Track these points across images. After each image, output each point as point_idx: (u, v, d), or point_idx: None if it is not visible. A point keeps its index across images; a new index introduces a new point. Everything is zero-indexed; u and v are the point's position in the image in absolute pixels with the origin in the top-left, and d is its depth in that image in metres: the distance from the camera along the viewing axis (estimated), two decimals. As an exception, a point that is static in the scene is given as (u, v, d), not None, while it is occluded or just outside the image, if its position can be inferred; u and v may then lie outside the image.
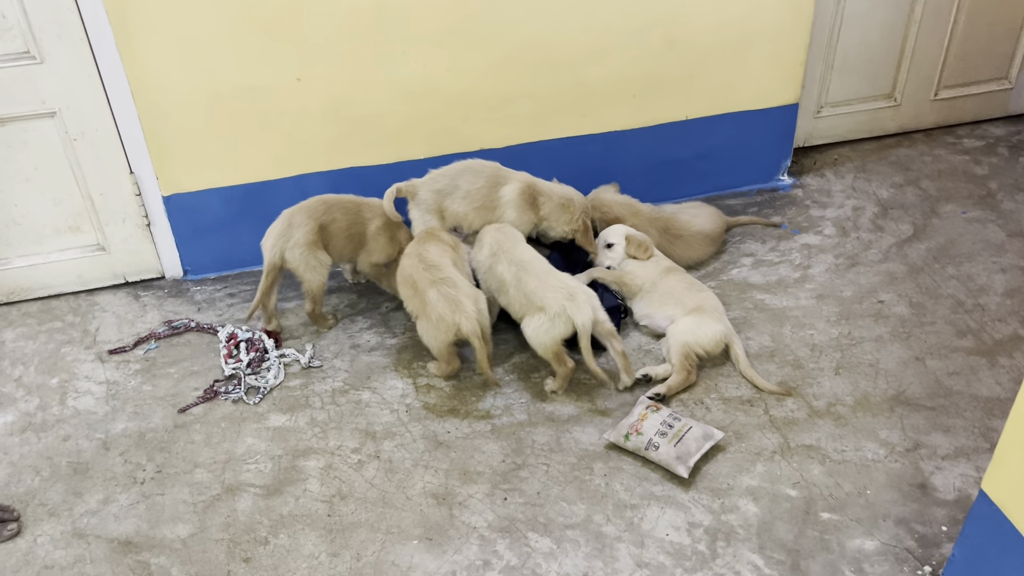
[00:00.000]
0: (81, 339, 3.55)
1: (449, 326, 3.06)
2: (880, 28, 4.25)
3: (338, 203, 3.45)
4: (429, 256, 3.19)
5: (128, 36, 3.26)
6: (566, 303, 3.04)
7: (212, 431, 3.10)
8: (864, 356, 3.28)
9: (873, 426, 2.99)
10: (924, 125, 4.67)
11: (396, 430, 3.07)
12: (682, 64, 3.86)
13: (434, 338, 3.12)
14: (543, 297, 3.07)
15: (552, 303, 3.05)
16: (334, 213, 3.40)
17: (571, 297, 3.07)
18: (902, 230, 3.97)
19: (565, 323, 3.06)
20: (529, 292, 3.10)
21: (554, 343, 3.08)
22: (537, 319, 3.08)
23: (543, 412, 3.12)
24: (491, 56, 3.64)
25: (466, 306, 3.06)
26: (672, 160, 4.12)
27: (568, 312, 3.04)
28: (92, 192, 3.56)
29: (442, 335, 3.09)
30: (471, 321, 3.05)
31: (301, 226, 3.31)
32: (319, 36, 3.43)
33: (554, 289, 3.09)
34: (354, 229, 3.46)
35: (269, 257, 3.33)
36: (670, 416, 2.95)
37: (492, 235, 3.33)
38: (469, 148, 3.81)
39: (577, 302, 3.06)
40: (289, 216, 3.35)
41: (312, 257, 3.32)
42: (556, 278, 3.14)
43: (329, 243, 3.39)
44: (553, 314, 3.05)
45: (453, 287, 3.09)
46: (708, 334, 3.20)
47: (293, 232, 3.30)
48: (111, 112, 3.42)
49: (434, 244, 3.26)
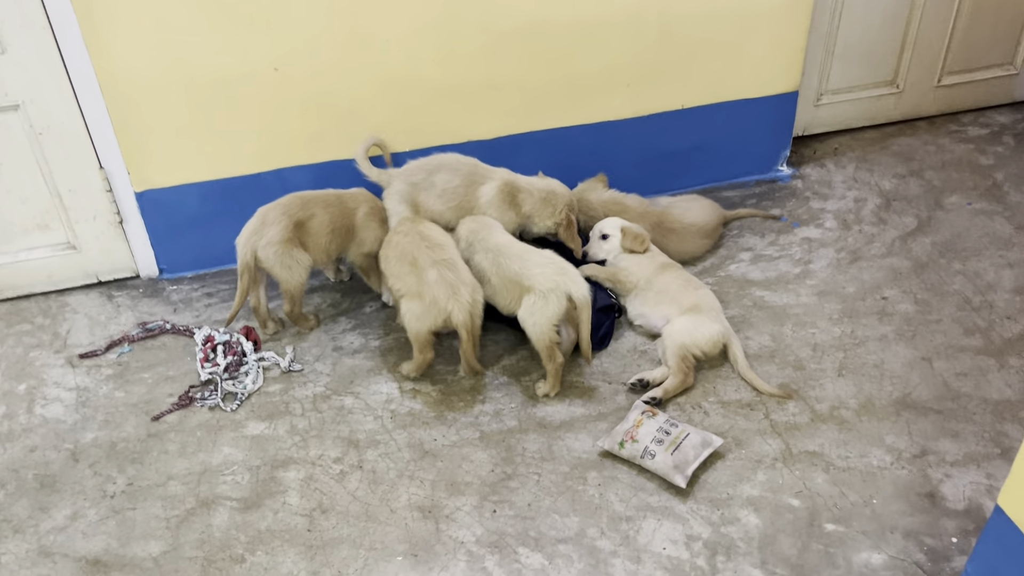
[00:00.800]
0: (51, 342, 3.40)
1: (440, 311, 2.92)
2: (883, 13, 4.09)
3: (316, 198, 3.29)
4: (432, 234, 3.07)
5: (94, 25, 3.09)
6: (558, 278, 2.91)
7: (187, 440, 2.96)
8: (868, 356, 3.15)
9: (879, 431, 2.86)
10: (927, 113, 4.52)
11: (380, 438, 2.93)
12: (678, 51, 3.70)
13: (419, 320, 2.96)
14: (530, 276, 2.93)
15: (541, 280, 2.91)
16: (312, 209, 3.24)
17: (563, 271, 2.94)
18: (906, 223, 3.83)
19: (559, 299, 2.91)
20: (513, 275, 2.96)
21: (549, 326, 2.93)
22: (528, 301, 2.94)
23: (534, 417, 2.98)
24: (478, 45, 3.47)
25: (462, 294, 2.92)
26: (667, 151, 3.97)
27: (562, 287, 2.90)
28: (60, 188, 3.40)
29: (430, 319, 2.94)
30: (463, 311, 2.91)
31: (275, 223, 3.15)
32: (298, 24, 3.26)
33: (540, 265, 2.95)
34: (339, 223, 3.30)
35: (241, 256, 3.17)
36: (667, 422, 2.81)
37: (467, 226, 3.20)
38: (455, 140, 3.65)
39: (569, 274, 2.94)
40: (263, 214, 3.20)
41: (287, 255, 3.16)
42: (539, 255, 3.00)
43: (309, 241, 3.23)
44: (545, 291, 2.90)
45: (454, 271, 2.96)
46: (706, 334, 3.06)
47: (266, 230, 3.14)
48: (78, 105, 3.25)
49: (432, 224, 3.16)
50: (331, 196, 3.33)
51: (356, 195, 3.38)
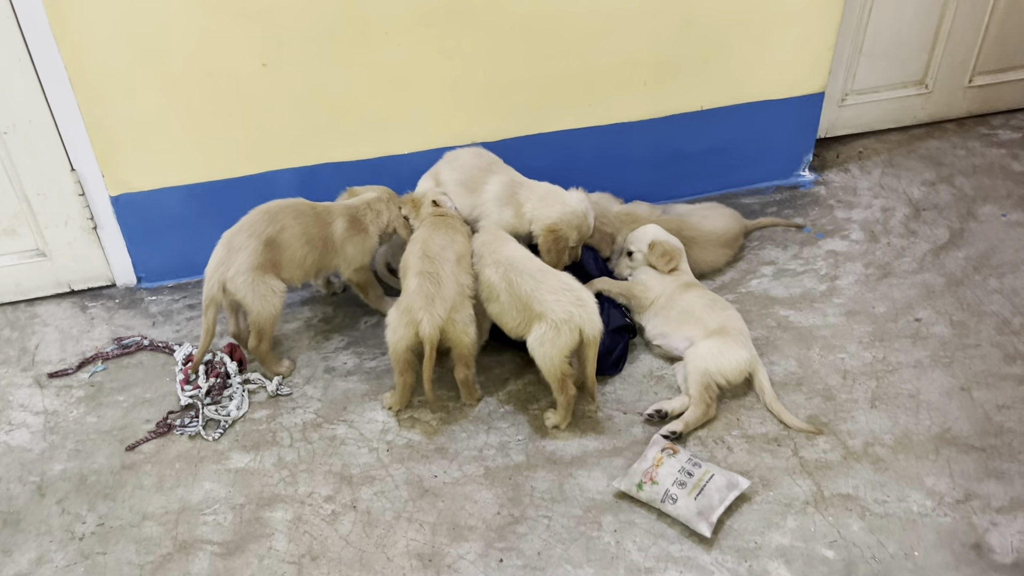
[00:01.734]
0: (18, 359, 3.13)
1: (411, 321, 2.67)
2: (915, 8, 3.83)
3: (284, 208, 2.95)
4: (432, 245, 2.83)
5: (62, 13, 2.80)
6: (573, 309, 2.66)
7: (165, 473, 2.71)
8: (903, 385, 2.92)
9: (917, 471, 2.63)
10: (956, 114, 4.27)
11: (376, 473, 2.69)
12: (698, 49, 3.44)
13: (394, 332, 2.72)
14: (543, 301, 2.68)
15: (555, 308, 2.66)
16: (282, 220, 2.92)
17: (580, 302, 2.68)
18: (937, 235, 3.59)
19: (572, 332, 2.67)
20: (525, 296, 2.71)
21: (560, 358, 2.69)
22: (538, 329, 2.69)
23: (543, 452, 2.74)
24: (485, 39, 3.20)
25: (436, 307, 2.67)
26: (684, 154, 3.71)
27: (576, 320, 2.65)
28: (28, 192, 3.12)
29: (402, 330, 2.70)
30: (432, 325, 2.65)
31: (243, 249, 2.84)
32: (287, 15, 2.98)
33: (556, 291, 2.69)
34: (313, 232, 2.97)
35: (207, 289, 2.86)
36: (689, 462, 2.58)
37: (480, 238, 2.94)
38: (458, 141, 3.38)
39: (587, 308, 2.69)
40: (228, 240, 2.88)
41: (261, 284, 2.85)
42: (556, 278, 2.75)
43: (283, 257, 2.91)
44: (558, 321, 2.65)
45: (436, 284, 2.71)
46: (732, 361, 2.82)
47: (233, 258, 2.84)
48: (46, 101, 2.97)
49: (443, 233, 2.89)
50: (302, 204, 3.01)
51: (331, 208, 3.05)
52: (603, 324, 2.77)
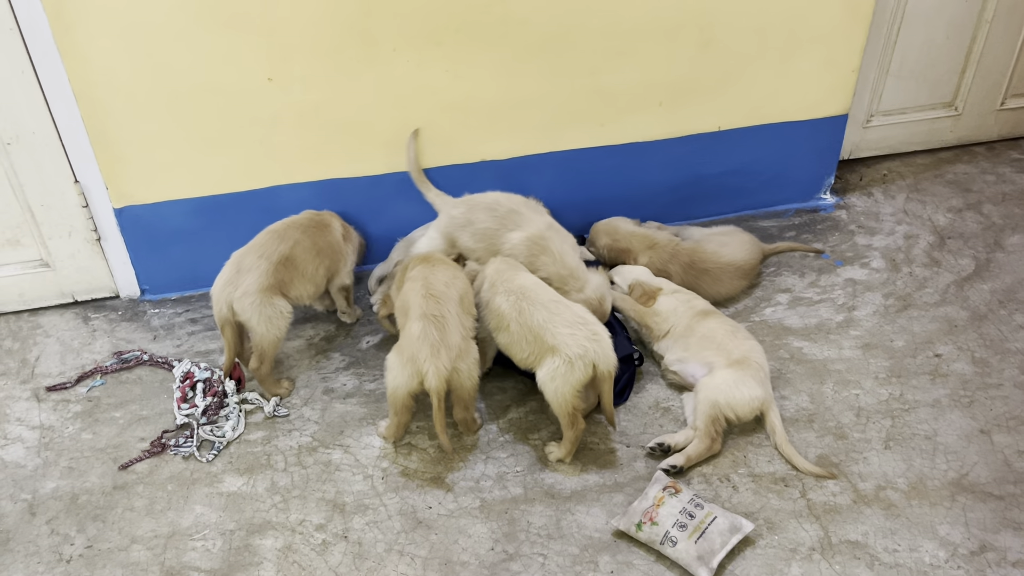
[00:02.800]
0: (18, 371, 3.11)
1: (415, 372, 2.57)
2: (946, 28, 3.70)
3: (291, 224, 2.99)
4: (435, 284, 2.70)
5: (66, 26, 2.77)
6: (588, 344, 2.57)
7: (156, 495, 2.66)
8: (919, 426, 2.81)
9: (931, 519, 2.52)
10: (986, 138, 4.13)
11: (369, 502, 2.62)
12: (717, 68, 3.34)
13: (394, 379, 2.62)
14: (556, 334, 2.59)
15: (569, 343, 2.57)
16: (292, 236, 2.93)
17: (595, 336, 2.60)
18: (962, 265, 3.46)
19: (586, 368, 2.58)
20: (536, 326, 2.63)
21: (573, 393, 2.60)
22: (550, 363, 2.60)
23: (542, 485, 2.67)
24: (496, 56, 3.12)
25: (442, 358, 2.56)
26: (700, 176, 3.61)
27: (591, 355, 2.57)
28: (32, 203, 3.10)
29: (404, 378, 2.59)
30: (439, 378, 2.54)
31: (253, 270, 2.81)
32: (294, 30, 2.92)
33: (570, 324, 2.61)
34: (321, 242, 3.01)
35: (216, 310, 2.83)
36: (691, 502, 2.49)
37: (494, 266, 2.85)
38: (468, 160, 3.32)
39: (602, 343, 2.60)
40: (237, 260, 2.86)
41: (268, 306, 2.81)
42: (570, 310, 2.66)
43: (296, 274, 2.90)
44: (572, 356, 2.56)
45: (441, 330, 2.59)
46: (745, 396, 2.72)
47: (242, 278, 2.81)
48: (50, 113, 2.94)
49: (444, 270, 2.78)
50: (303, 218, 3.04)
51: (325, 214, 3.14)
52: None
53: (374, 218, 3.39)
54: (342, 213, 3.31)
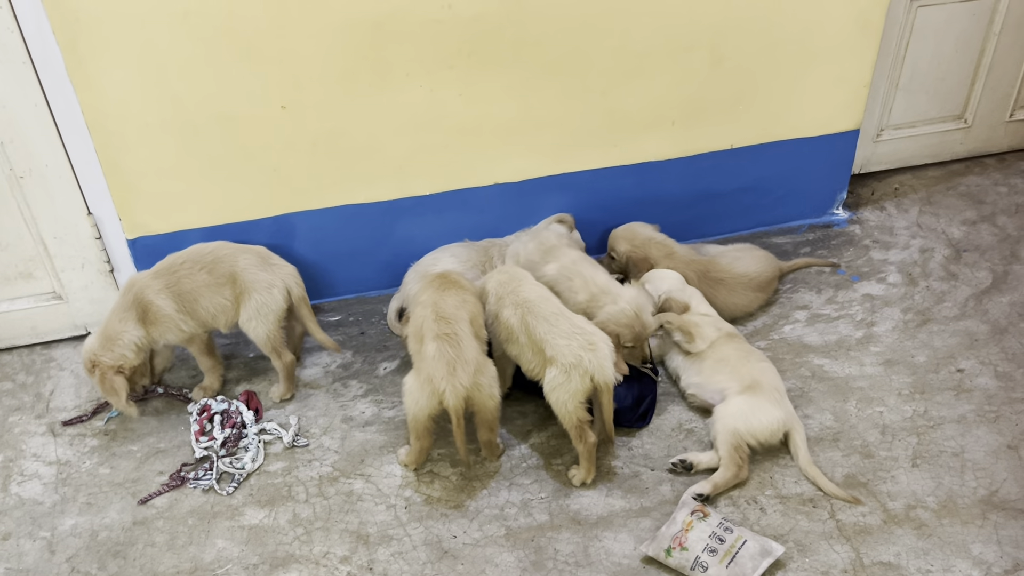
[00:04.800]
0: (32, 405, 3.08)
1: (433, 392, 2.55)
2: (955, 41, 3.70)
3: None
4: (445, 307, 2.69)
5: (79, 58, 2.76)
6: (583, 353, 2.56)
7: (177, 530, 2.63)
8: (945, 443, 2.78)
9: (963, 537, 2.49)
10: (997, 149, 4.13)
11: (393, 532, 2.59)
12: (729, 87, 3.33)
13: (415, 402, 2.61)
14: (553, 345, 2.59)
15: (565, 353, 2.57)
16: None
17: (590, 346, 2.58)
18: (979, 278, 3.44)
19: (583, 377, 2.57)
20: (538, 338, 2.62)
21: (575, 403, 2.59)
22: (550, 373, 2.60)
23: (567, 511, 2.63)
24: (509, 79, 3.11)
25: (459, 376, 2.54)
26: (712, 193, 3.60)
27: (586, 364, 2.55)
28: (45, 235, 3.07)
29: (424, 400, 2.58)
30: (457, 396, 2.53)
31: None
32: (307, 57, 2.92)
33: (567, 335, 2.60)
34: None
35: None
36: (720, 526, 2.45)
37: (496, 278, 2.84)
38: (481, 183, 3.30)
39: (598, 352, 2.58)
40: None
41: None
42: (569, 321, 2.64)
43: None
44: (567, 365, 2.56)
45: (456, 347, 2.58)
46: (764, 421, 2.69)
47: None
48: (63, 145, 2.92)
49: (454, 294, 2.75)
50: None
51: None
52: (627, 367, 2.70)
53: (386, 243, 3.38)
54: (353, 239, 3.31)
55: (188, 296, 2.86)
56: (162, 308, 2.82)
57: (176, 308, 2.84)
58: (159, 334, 2.85)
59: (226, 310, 2.91)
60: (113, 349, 2.78)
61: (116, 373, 2.77)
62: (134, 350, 2.80)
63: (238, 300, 2.91)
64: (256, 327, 2.92)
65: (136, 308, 2.81)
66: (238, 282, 2.89)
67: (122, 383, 2.78)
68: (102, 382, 2.77)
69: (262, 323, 2.91)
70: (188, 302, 2.86)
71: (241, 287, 2.89)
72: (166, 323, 2.84)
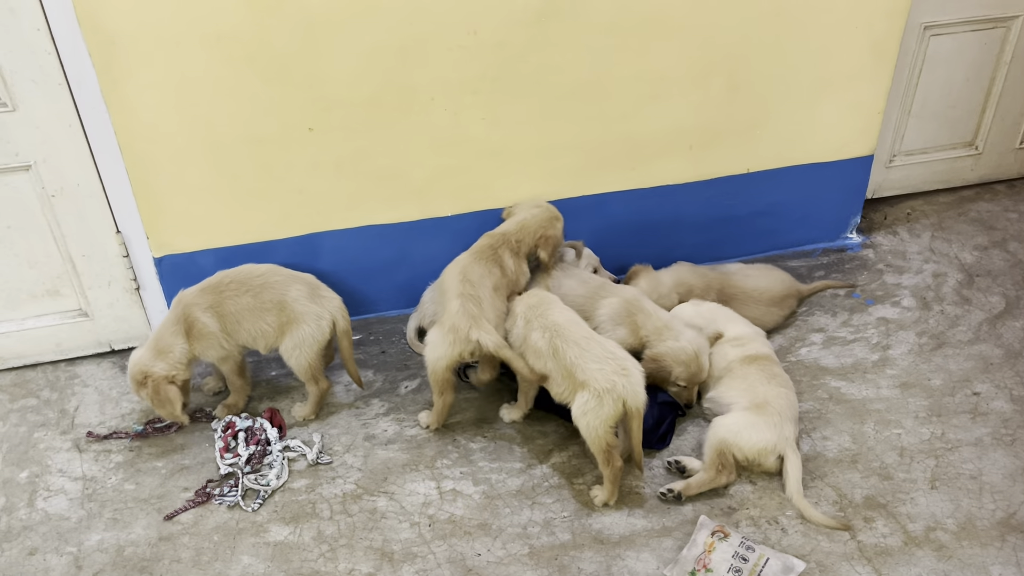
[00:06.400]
0: (57, 421, 3.11)
1: (455, 340, 2.74)
2: (966, 70, 3.77)
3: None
4: (471, 274, 2.87)
5: (114, 81, 2.81)
6: (616, 378, 2.59)
7: (202, 546, 2.65)
8: (963, 465, 2.81)
9: (983, 559, 2.51)
10: (1006, 176, 4.19)
11: (417, 550, 2.61)
12: (746, 112, 3.39)
13: (434, 350, 2.78)
14: (585, 369, 2.62)
15: (598, 377, 2.60)
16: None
17: (623, 371, 2.61)
18: (992, 303, 3.49)
19: (615, 402, 2.60)
20: (568, 363, 2.65)
21: (605, 428, 2.62)
22: (581, 398, 2.63)
23: (590, 530, 2.66)
24: (531, 104, 3.17)
25: (484, 324, 2.77)
26: (727, 217, 3.65)
27: (619, 390, 2.58)
28: (73, 253, 3.12)
29: (444, 347, 2.75)
30: (492, 335, 2.75)
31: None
32: (335, 81, 2.98)
33: (599, 360, 2.63)
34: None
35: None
36: (741, 545, 2.48)
37: (524, 302, 2.88)
38: (502, 204, 3.35)
39: (631, 378, 2.61)
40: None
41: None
42: (601, 346, 2.68)
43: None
44: (600, 390, 2.59)
45: (478, 306, 2.78)
46: (753, 440, 2.72)
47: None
48: (95, 165, 2.97)
49: (482, 264, 2.93)
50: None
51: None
52: (650, 395, 2.72)
53: (406, 263, 3.42)
54: (374, 259, 3.35)
55: (231, 317, 2.89)
56: (207, 325, 2.86)
57: (219, 327, 2.88)
58: (201, 350, 2.88)
59: (267, 335, 2.94)
60: (166, 360, 2.82)
61: (169, 383, 2.81)
62: (184, 363, 2.86)
63: (283, 328, 2.94)
64: (299, 356, 2.95)
65: (183, 323, 2.85)
66: (286, 311, 2.92)
67: (176, 393, 2.82)
68: (156, 393, 2.80)
69: (305, 353, 2.95)
70: (230, 323, 2.90)
71: (289, 316, 2.92)
72: (209, 339, 2.88)
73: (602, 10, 3.06)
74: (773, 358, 3.00)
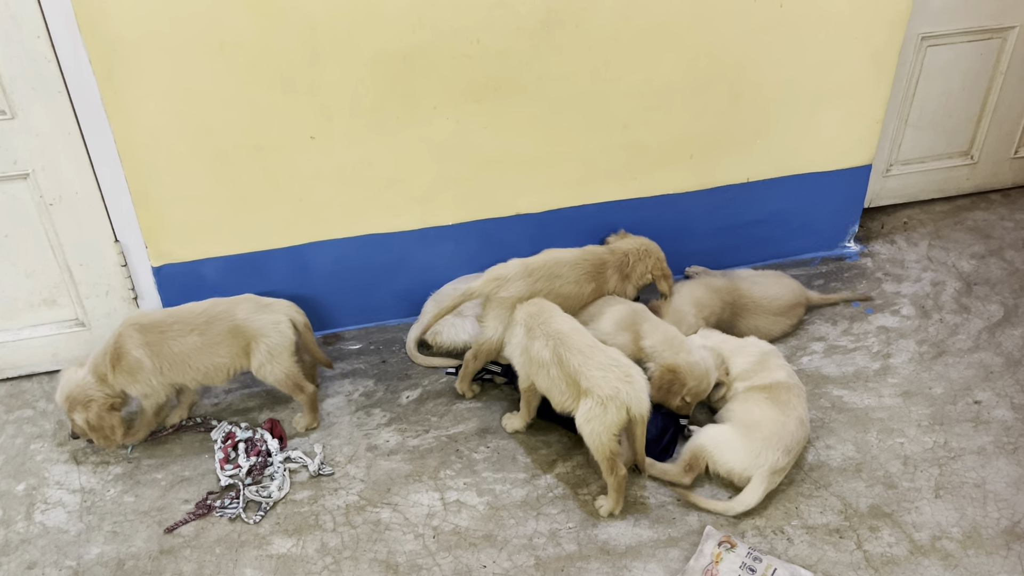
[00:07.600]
0: (54, 432, 3.07)
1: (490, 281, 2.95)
2: (963, 80, 3.80)
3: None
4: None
5: (115, 89, 2.79)
6: (620, 385, 2.58)
7: (204, 559, 2.61)
8: (967, 474, 2.81)
9: (988, 568, 2.52)
10: (1002, 185, 4.22)
11: (422, 562, 2.59)
12: (746, 122, 3.40)
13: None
14: (589, 377, 2.60)
15: (602, 384, 2.58)
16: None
17: (627, 378, 2.60)
18: (991, 311, 3.50)
19: (619, 409, 2.58)
20: (572, 371, 2.64)
21: (609, 435, 2.60)
22: (585, 405, 2.61)
23: (595, 540, 2.64)
24: (533, 112, 3.17)
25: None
26: (729, 226, 3.65)
27: (623, 397, 2.57)
28: (71, 262, 3.08)
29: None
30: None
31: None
32: (338, 89, 2.96)
33: (603, 367, 2.62)
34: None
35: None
36: (749, 555, 2.47)
37: (525, 310, 2.87)
38: (504, 213, 3.35)
39: (635, 385, 2.60)
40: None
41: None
42: (604, 353, 2.67)
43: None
44: (604, 397, 2.57)
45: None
46: (726, 458, 2.73)
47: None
48: (94, 174, 2.95)
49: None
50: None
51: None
52: (653, 406, 2.72)
53: (406, 272, 3.41)
54: (375, 268, 3.33)
55: (175, 358, 2.84)
56: (139, 361, 2.82)
57: (152, 365, 2.83)
58: (125, 383, 2.85)
59: (221, 367, 2.90)
60: (109, 386, 2.85)
61: (112, 409, 2.84)
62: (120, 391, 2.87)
63: (246, 351, 2.90)
64: (273, 370, 2.92)
65: (112, 353, 2.82)
66: (243, 332, 2.88)
67: (119, 420, 2.85)
68: (99, 419, 2.82)
69: (278, 364, 2.91)
70: (171, 363, 2.85)
71: (247, 336, 2.88)
72: (135, 375, 2.84)
73: (604, 20, 3.06)
74: (784, 383, 2.89)
